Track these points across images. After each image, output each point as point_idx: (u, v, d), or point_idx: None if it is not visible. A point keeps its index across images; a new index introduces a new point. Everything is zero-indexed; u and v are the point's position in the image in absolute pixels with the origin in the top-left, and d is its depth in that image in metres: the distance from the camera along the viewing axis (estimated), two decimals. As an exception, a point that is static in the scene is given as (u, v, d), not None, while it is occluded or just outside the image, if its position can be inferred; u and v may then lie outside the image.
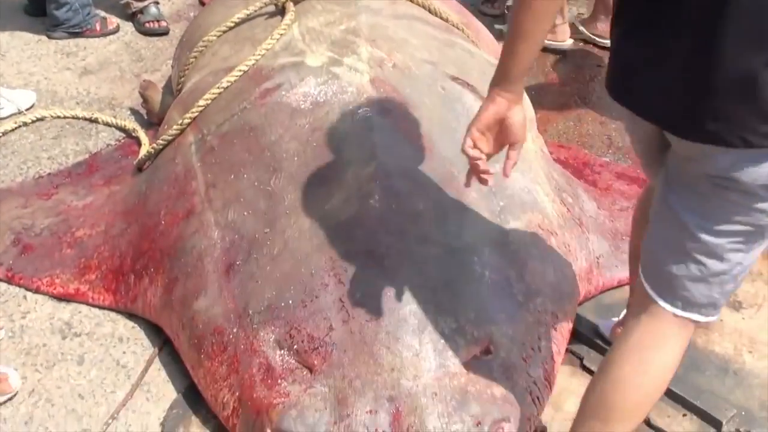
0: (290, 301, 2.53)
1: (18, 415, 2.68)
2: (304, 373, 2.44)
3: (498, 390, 2.44)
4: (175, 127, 3.25)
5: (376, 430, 2.31)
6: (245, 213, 2.79)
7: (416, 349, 2.42)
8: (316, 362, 2.43)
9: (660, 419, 2.65)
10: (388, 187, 2.67)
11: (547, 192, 3.11)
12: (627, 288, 3.08)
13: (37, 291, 3.14)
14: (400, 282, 2.49)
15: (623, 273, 3.14)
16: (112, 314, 3.07)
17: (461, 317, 2.50)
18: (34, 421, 2.66)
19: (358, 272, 2.52)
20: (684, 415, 2.67)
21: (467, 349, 2.47)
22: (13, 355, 2.87)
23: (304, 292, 2.53)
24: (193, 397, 2.69)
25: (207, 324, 2.65)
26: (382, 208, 2.62)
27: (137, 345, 2.96)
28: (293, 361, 2.46)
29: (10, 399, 2.67)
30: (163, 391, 2.77)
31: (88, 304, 3.10)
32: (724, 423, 2.63)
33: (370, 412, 2.33)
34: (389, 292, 2.47)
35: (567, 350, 2.85)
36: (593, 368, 2.83)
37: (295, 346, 2.47)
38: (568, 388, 2.77)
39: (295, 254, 2.62)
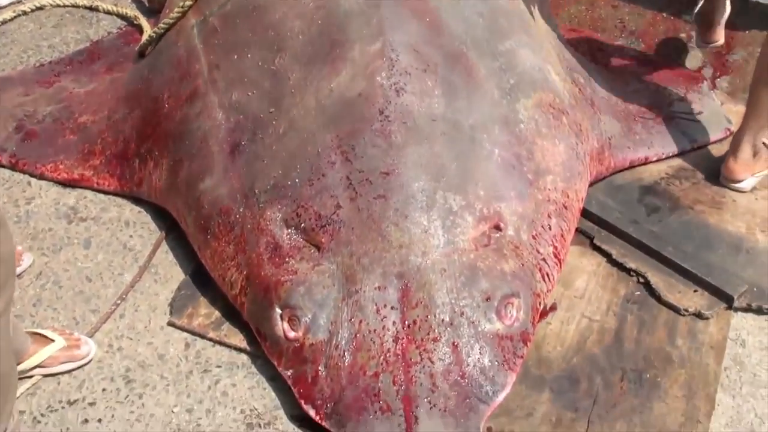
0: (297, 180, 2.51)
1: (26, 297, 2.69)
2: (312, 251, 2.43)
3: (507, 266, 2.43)
4: (176, 10, 3.19)
5: (385, 305, 2.31)
6: (249, 93, 2.75)
7: (425, 226, 2.40)
8: (323, 240, 2.42)
9: (671, 295, 2.64)
10: (395, 63, 2.62)
11: (558, 71, 3.05)
12: (638, 169, 3.06)
13: (41, 177, 3.13)
14: (408, 159, 2.47)
15: (635, 154, 3.12)
16: (118, 199, 3.06)
17: (470, 194, 2.48)
18: (43, 303, 2.67)
19: (365, 150, 2.49)
20: (695, 291, 2.66)
21: (476, 226, 2.45)
22: (19, 239, 2.86)
23: (310, 171, 2.50)
24: (200, 278, 2.69)
25: (213, 204, 2.64)
26: (389, 85, 2.57)
27: (144, 229, 2.95)
28: (300, 240, 2.45)
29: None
30: (170, 273, 2.77)
31: (93, 189, 3.08)
32: (735, 298, 2.62)
33: (379, 288, 2.33)
34: (397, 170, 2.45)
35: (577, 230, 2.83)
36: (604, 247, 2.82)
37: (303, 225, 2.46)
38: (578, 266, 2.76)
39: (300, 133, 2.58)
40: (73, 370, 2.45)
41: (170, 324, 2.62)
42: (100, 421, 2.38)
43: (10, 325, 2.02)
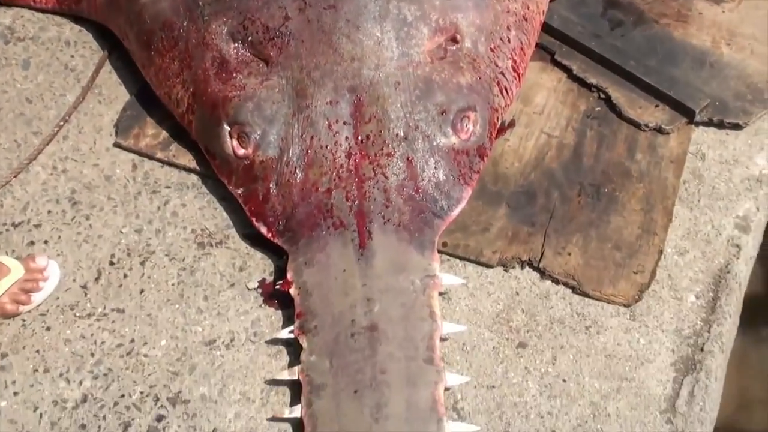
0: (243, -9, 2.39)
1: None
2: (260, 65, 2.34)
3: (464, 79, 2.35)
4: None
5: (337, 120, 2.24)
6: None
7: (378, 38, 2.31)
8: (272, 54, 2.32)
9: (632, 110, 2.59)
10: None
11: None
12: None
13: (-25, -4, 2.96)
14: (360, -33, 2.34)
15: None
16: (56, 18, 2.91)
17: (425, 4, 2.37)
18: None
19: (314, -43, 2.36)
20: (656, 105, 2.61)
21: (432, 38, 2.36)
22: (-47, 62, 2.74)
23: (256, -20, 2.38)
24: (146, 97, 2.59)
25: (155, 19, 2.51)
26: None
27: (85, 48, 2.82)
28: (248, 54, 2.36)
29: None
30: (115, 93, 2.67)
31: (30, 7, 2.93)
32: (697, 112, 2.57)
33: (330, 103, 2.25)
34: (348, -22, 2.33)
35: (538, 45, 2.74)
36: (564, 63, 2.74)
37: (250, 38, 2.35)
38: (538, 82, 2.69)
39: (245, -61, 2.44)
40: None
41: (116, 145, 2.54)
42: (46, 242, 2.33)
43: None
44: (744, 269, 2.35)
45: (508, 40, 2.51)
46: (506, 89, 2.47)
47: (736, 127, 2.59)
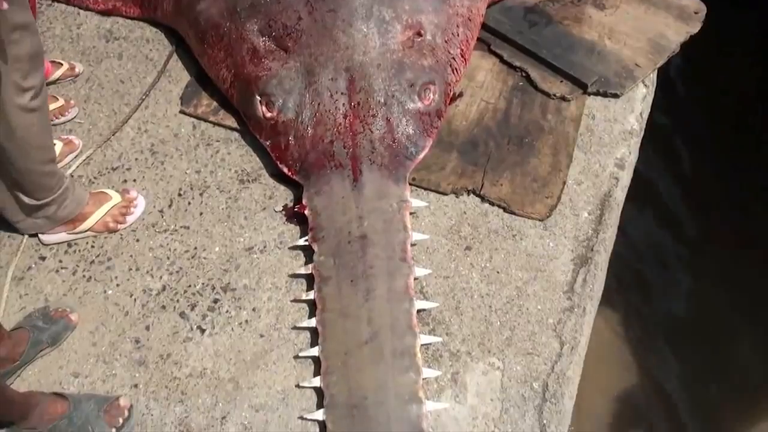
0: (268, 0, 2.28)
1: (79, 96, 2.49)
2: (281, 53, 2.24)
3: (426, 62, 2.27)
4: None
5: (336, 92, 2.16)
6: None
7: (365, 32, 2.22)
8: (289, 45, 2.23)
9: (544, 84, 2.51)
10: None
11: None
12: (526, -6, 2.84)
13: (86, 8, 2.83)
14: (352, -17, 2.24)
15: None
16: (140, 23, 2.79)
17: (398, 8, 2.29)
18: (91, 100, 2.48)
19: (318, -25, 2.25)
20: (561, 81, 2.53)
21: (403, 32, 2.27)
22: (72, 54, 2.63)
23: (278, -8, 2.27)
24: (202, 78, 2.50)
25: (207, 22, 2.40)
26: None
27: (159, 44, 2.71)
28: (272, 45, 2.26)
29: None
30: (180, 75, 2.57)
31: (122, 16, 2.81)
32: (589, 85, 2.49)
33: (332, 79, 2.17)
34: (343, -9, 2.22)
35: (479, 39, 2.64)
36: (498, 51, 2.64)
37: (273, 33, 2.26)
38: (479, 65, 2.60)
39: (270, -36, 2.32)
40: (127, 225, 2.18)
41: (181, 112, 2.44)
42: (135, 180, 2.26)
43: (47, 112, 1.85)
44: (621, 194, 2.30)
45: (458, 35, 2.41)
46: (456, 70, 2.38)
47: (615, 96, 2.52)
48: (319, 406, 1.82)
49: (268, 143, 2.22)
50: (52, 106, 2.34)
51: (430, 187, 2.23)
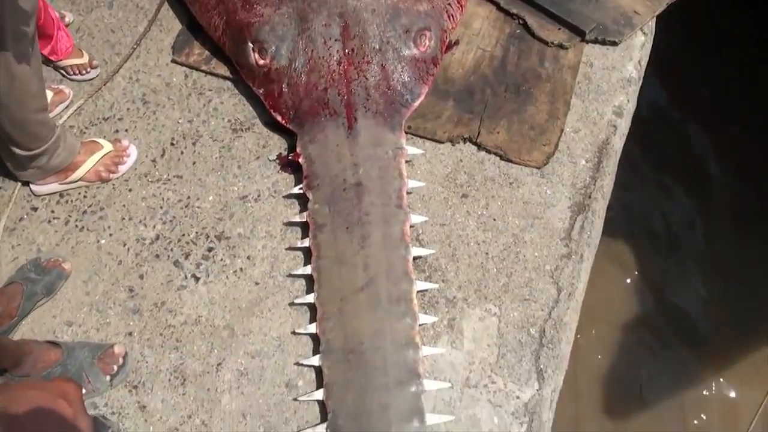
0: (259, -55, 2.18)
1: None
2: (274, -1, 2.15)
3: (422, 8, 2.17)
4: None
5: (330, 38, 2.07)
6: None
7: (359, -23, 2.12)
8: (282, -10, 2.13)
9: (542, 32, 2.41)
10: None
11: None
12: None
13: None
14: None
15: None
16: (129, -28, 2.68)
17: (393, -48, 2.18)
18: (82, 47, 2.36)
19: None
20: (559, 29, 2.43)
21: (398, -22, 2.17)
22: (61, 4, 2.52)
23: (269, -62, 2.17)
24: (193, 27, 2.40)
25: (198, -32, 2.30)
26: None
27: (150, -8, 2.61)
28: (265, -10, 2.16)
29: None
30: (171, 24, 2.47)
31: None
32: (587, 33, 2.40)
33: (325, 25, 2.08)
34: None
35: (475, -13, 2.54)
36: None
37: (266, -22, 2.16)
38: (476, 12, 2.49)
39: None
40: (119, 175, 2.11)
41: (173, 61, 2.35)
42: (127, 130, 2.19)
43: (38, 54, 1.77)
44: (618, 142, 2.23)
45: (454, -18, 2.32)
46: (452, 16, 2.29)
47: (614, 43, 2.43)
48: (315, 352, 1.77)
49: (261, 91, 2.14)
50: (77, 61, 2.26)
51: (426, 136, 2.16)
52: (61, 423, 0.82)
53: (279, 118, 2.09)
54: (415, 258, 1.87)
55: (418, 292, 1.82)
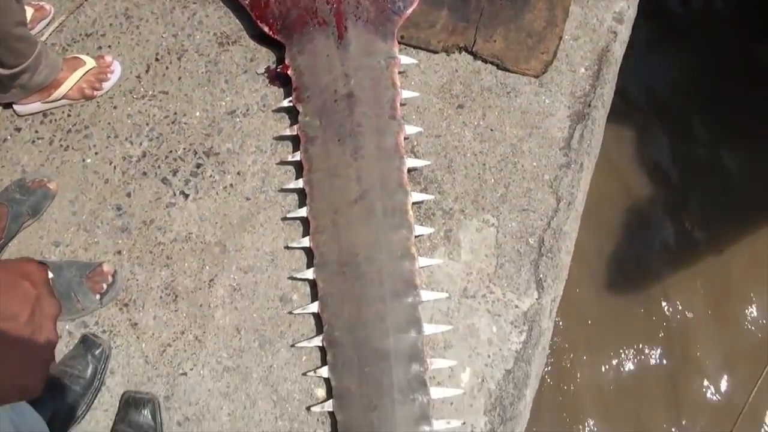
0: None
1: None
2: None
3: None
4: None
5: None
6: None
7: None
8: None
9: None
10: None
11: None
12: None
13: None
14: None
15: None
16: None
17: None
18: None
19: None
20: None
21: None
22: None
23: None
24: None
25: None
26: None
27: None
28: None
29: None
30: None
31: None
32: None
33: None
34: None
35: None
36: None
37: None
38: None
39: None
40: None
41: (156, -25, 2.19)
42: (110, 46, 2.04)
43: None
44: (619, 49, 2.09)
45: None
46: None
47: (616, -50, 2.26)
48: (309, 265, 1.69)
49: (247, 2, 1.99)
50: None
51: (420, 45, 2.02)
52: (23, 304, 0.72)
53: (266, 30, 1.95)
54: (410, 170, 1.77)
55: (413, 203, 1.72)
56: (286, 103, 1.87)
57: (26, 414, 1.35)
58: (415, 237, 1.67)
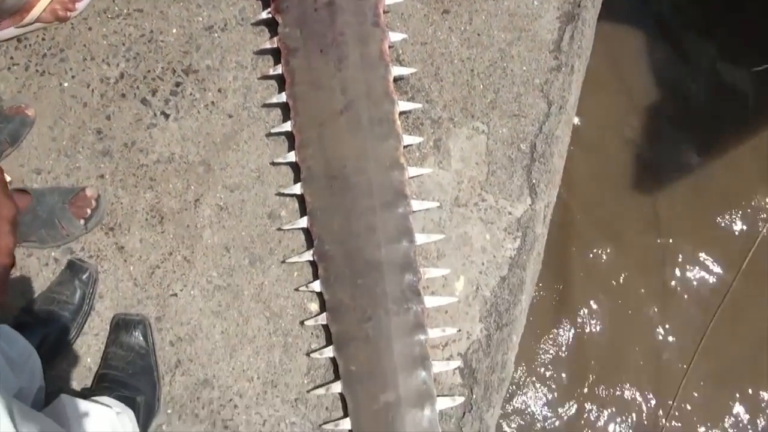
0: None
1: None
2: None
3: None
4: None
5: None
6: None
7: None
8: None
9: None
10: None
11: None
12: None
13: None
14: None
15: None
16: None
17: None
18: None
19: None
20: None
21: None
22: None
23: None
24: None
25: None
26: None
27: None
28: None
29: None
30: None
31: None
32: None
33: None
34: None
35: None
36: None
37: None
38: None
39: None
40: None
41: None
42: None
43: None
44: (612, -53, 1.97)
45: None
46: None
47: None
48: (296, 180, 1.63)
49: None
50: None
51: (402, -50, 1.91)
52: None
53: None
54: (396, 79, 1.68)
55: (401, 113, 1.65)
56: (264, 14, 1.77)
57: (15, 341, 1.31)
58: (404, 147, 1.61)
